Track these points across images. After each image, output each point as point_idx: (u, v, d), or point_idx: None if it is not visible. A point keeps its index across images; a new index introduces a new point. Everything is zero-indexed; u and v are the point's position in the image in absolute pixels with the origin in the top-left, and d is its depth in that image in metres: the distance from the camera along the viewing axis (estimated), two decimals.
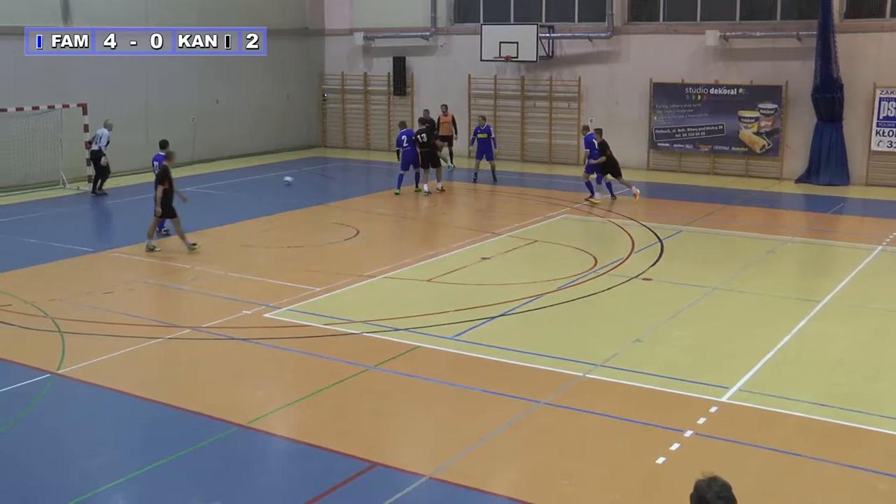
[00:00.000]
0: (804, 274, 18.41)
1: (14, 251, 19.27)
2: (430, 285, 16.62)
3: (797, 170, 28.02)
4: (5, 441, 10.33)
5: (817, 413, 10.89)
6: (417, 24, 33.90)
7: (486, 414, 10.94)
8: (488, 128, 27.77)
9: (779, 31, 27.79)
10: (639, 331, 13.81)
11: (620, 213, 22.80)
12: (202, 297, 15.86)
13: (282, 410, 11.21)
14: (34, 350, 13.17)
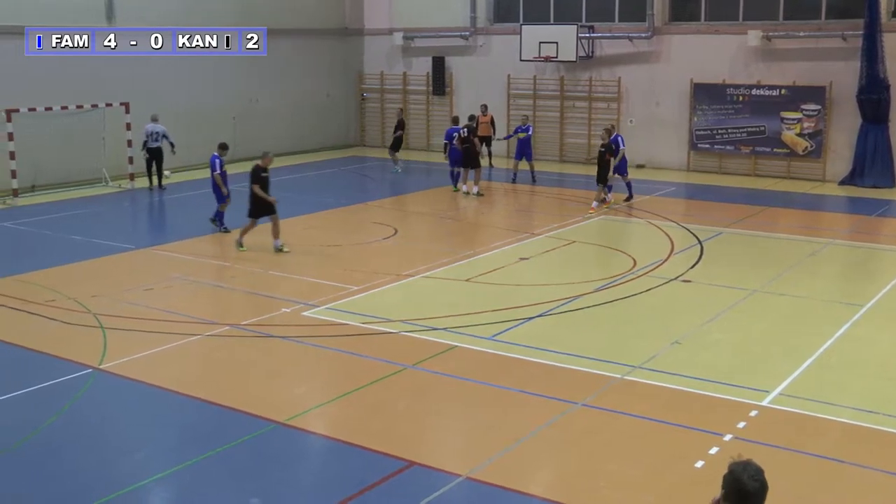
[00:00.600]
0: (847, 277, 18.19)
1: (57, 248, 19.51)
2: (469, 285, 16.60)
3: (840, 172, 27.68)
4: (48, 434, 10.45)
5: (860, 419, 10.74)
6: (457, 24, 33.89)
7: (524, 414, 10.91)
8: (529, 127, 27.45)
9: (823, 31, 27.48)
10: (678, 333, 13.72)
11: (660, 214, 22.65)
12: (241, 295, 15.95)
13: (319, 408, 11.25)
14: (76, 345, 13.32)
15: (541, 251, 19.11)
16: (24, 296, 15.70)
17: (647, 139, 30.68)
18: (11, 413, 11.07)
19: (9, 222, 22.21)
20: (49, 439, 10.32)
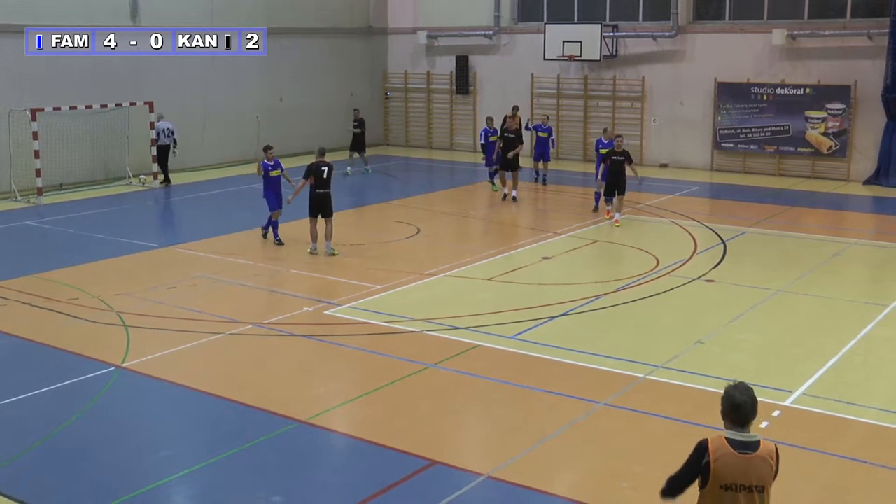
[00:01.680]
0: (871, 278, 18.05)
1: (81, 246, 19.64)
2: (491, 284, 16.60)
3: (865, 171, 27.49)
4: (72, 432, 10.52)
5: (885, 420, 10.67)
6: (481, 24, 33.88)
7: (546, 414, 10.90)
8: (549, 128, 27.13)
9: (848, 30, 27.29)
10: (701, 333, 13.66)
11: (683, 213, 22.56)
12: (264, 294, 16.01)
13: (342, 407, 11.27)
14: (100, 343, 13.40)
15: (563, 251, 19.08)
16: (48, 294, 15.82)
17: (671, 138, 30.59)
18: (35, 410, 11.14)
19: (33, 220, 22.39)
20: (72, 437, 10.40)
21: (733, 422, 5.88)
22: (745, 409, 5.82)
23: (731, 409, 5.86)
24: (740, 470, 5.75)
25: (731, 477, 5.75)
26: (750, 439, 5.83)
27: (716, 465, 5.76)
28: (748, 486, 5.76)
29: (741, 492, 5.75)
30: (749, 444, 5.80)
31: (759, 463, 5.80)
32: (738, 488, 5.75)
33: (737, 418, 5.86)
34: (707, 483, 5.83)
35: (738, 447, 5.79)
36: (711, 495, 5.82)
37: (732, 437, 5.84)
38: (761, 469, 5.80)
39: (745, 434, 5.84)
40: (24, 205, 24.24)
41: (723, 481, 5.76)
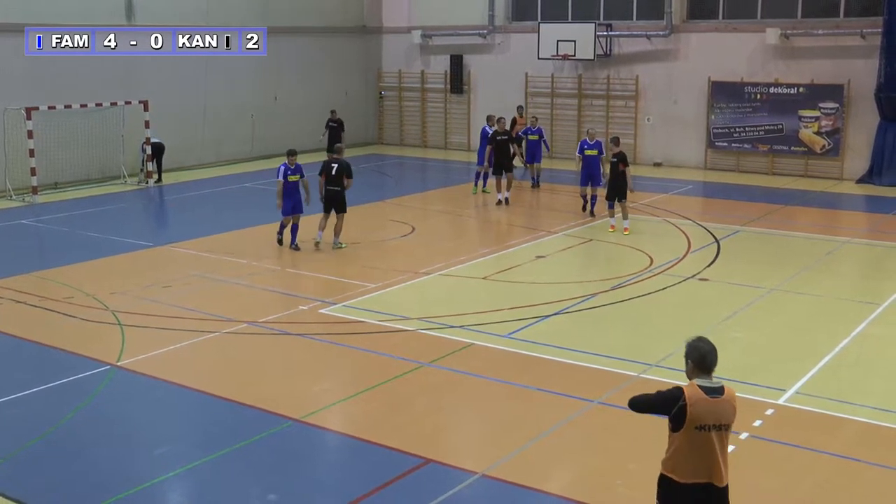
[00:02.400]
0: (864, 276, 18.11)
1: (76, 245, 19.63)
2: (485, 283, 16.63)
3: (858, 170, 27.57)
4: (67, 430, 10.53)
5: (878, 418, 10.72)
6: (475, 23, 33.91)
7: (540, 412, 10.93)
8: (540, 130, 26.65)
9: (842, 29, 27.36)
10: (694, 331, 13.52)
11: (677, 212, 22.62)
12: (259, 292, 16.02)
13: (336, 405, 11.29)
14: (95, 342, 13.41)
15: (557, 249, 19.12)
16: (43, 293, 15.82)
17: (665, 137, 30.66)
18: (30, 409, 11.15)
19: (28, 219, 22.38)
20: (68, 436, 10.40)
21: (701, 370, 6.73)
22: (711, 358, 6.72)
23: (700, 358, 6.72)
24: (712, 412, 6.61)
25: (705, 418, 6.60)
26: (717, 385, 6.70)
27: (691, 409, 6.57)
28: (718, 425, 6.64)
29: (712, 431, 6.64)
30: (717, 390, 6.67)
31: (725, 405, 6.68)
32: (710, 428, 6.63)
33: (704, 366, 6.72)
34: (682, 425, 6.64)
35: (708, 393, 6.63)
36: (686, 436, 6.65)
37: (703, 384, 6.67)
38: (727, 410, 6.69)
39: (712, 381, 6.70)
40: (19, 203, 24.23)
41: (697, 423, 6.60)
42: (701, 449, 6.66)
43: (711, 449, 6.66)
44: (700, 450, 6.66)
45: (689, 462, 6.70)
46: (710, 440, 6.65)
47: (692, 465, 6.70)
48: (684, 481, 6.74)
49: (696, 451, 6.67)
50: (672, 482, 6.81)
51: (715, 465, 6.68)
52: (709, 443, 6.65)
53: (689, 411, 6.58)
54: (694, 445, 6.66)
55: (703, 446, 6.66)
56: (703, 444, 6.65)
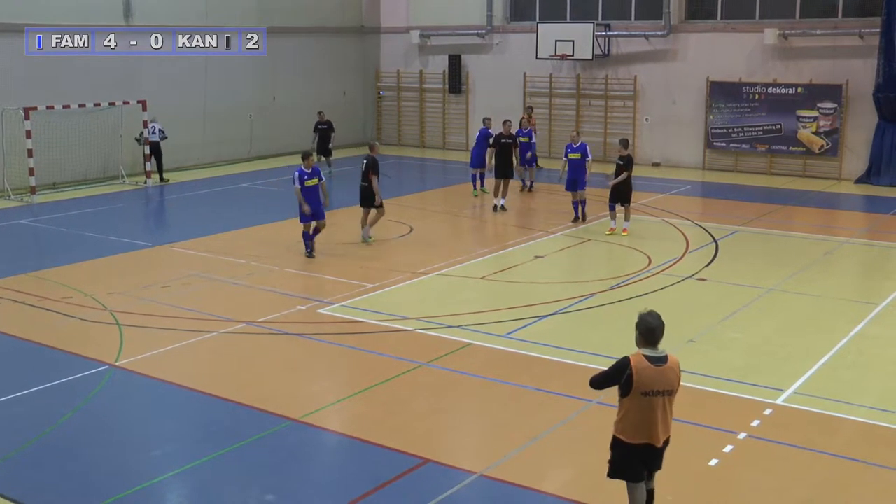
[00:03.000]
0: (863, 276, 18.12)
1: (75, 245, 19.62)
2: (484, 283, 16.63)
3: (857, 170, 27.60)
4: (65, 430, 10.53)
5: (876, 418, 10.73)
6: (473, 23, 33.92)
7: (539, 412, 10.93)
8: (530, 132, 25.74)
9: (840, 29, 27.38)
10: (692, 331, 13.71)
11: (675, 212, 22.62)
12: (257, 292, 16.02)
13: (334, 405, 11.29)
14: (93, 342, 13.41)
15: (556, 249, 19.12)
16: (42, 293, 15.81)
17: (663, 137, 30.67)
18: (28, 409, 11.14)
19: (27, 219, 22.37)
20: (66, 436, 10.40)
21: (648, 342, 7.44)
22: (657, 332, 7.42)
23: (648, 332, 7.41)
24: (656, 379, 7.35)
25: (650, 384, 7.34)
26: (661, 355, 7.43)
27: (637, 376, 7.32)
28: (662, 390, 7.39)
29: (657, 396, 7.37)
30: (661, 359, 7.41)
31: (669, 372, 7.42)
32: (655, 393, 7.37)
33: (651, 339, 7.42)
34: (630, 391, 7.39)
35: (653, 361, 7.37)
36: (634, 401, 7.40)
37: (648, 353, 7.41)
38: (671, 377, 7.43)
39: (657, 351, 7.42)
40: (18, 203, 24.22)
41: (643, 388, 7.34)
42: (646, 412, 7.41)
43: (655, 413, 7.42)
44: (645, 413, 7.42)
45: (635, 424, 7.47)
46: (655, 405, 7.40)
47: (638, 427, 7.47)
48: (632, 442, 7.54)
49: (641, 415, 7.43)
50: (622, 443, 7.60)
51: (655, 428, 7.46)
52: (653, 407, 7.40)
53: (635, 378, 7.33)
54: (640, 409, 7.41)
55: (648, 410, 7.40)
56: (648, 408, 7.40)
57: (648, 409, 7.41)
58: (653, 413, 7.42)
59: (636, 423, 7.48)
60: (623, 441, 7.58)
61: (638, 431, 7.50)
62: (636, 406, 7.42)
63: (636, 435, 7.51)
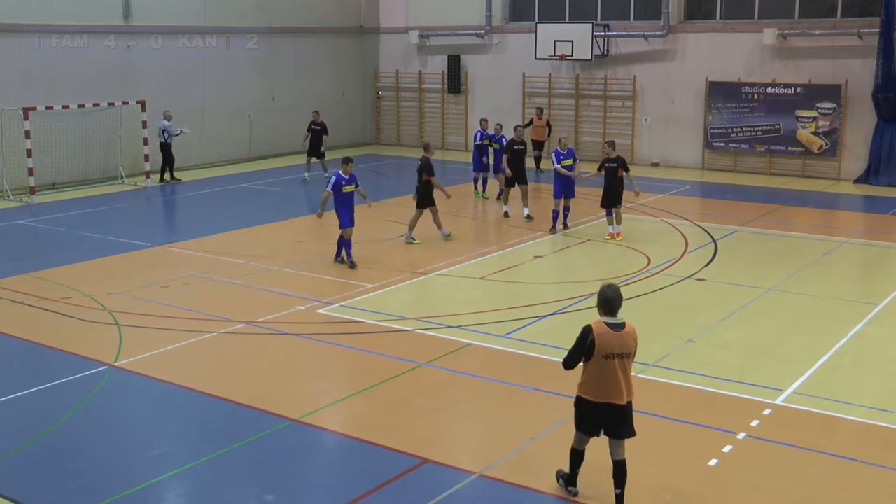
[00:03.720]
0: (862, 276, 18.14)
1: (74, 245, 19.62)
2: (483, 283, 16.63)
3: (856, 170, 27.61)
4: (65, 430, 10.53)
5: (875, 418, 10.73)
6: (472, 23, 33.92)
7: (538, 412, 10.93)
8: (502, 138, 24.06)
9: (839, 29, 27.39)
10: (692, 331, 13.71)
11: (674, 212, 22.63)
12: (256, 292, 16.02)
13: (334, 405, 11.29)
14: (92, 342, 13.41)
15: (555, 249, 19.12)
16: (41, 293, 15.81)
17: (663, 138, 30.68)
18: (28, 409, 11.15)
19: (26, 219, 22.37)
20: (65, 436, 10.40)
21: (606, 311, 8.35)
22: (615, 303, 8.33)
23: (606, 302, 8.34)
24: (615, 342, 8.23)
25: (610, 348, 8.22)
26: (619, 322, 8.34)
27: (598, 340, 8.21)
28: (620, 353, 8.26)
29: (616, 358, 8.23)
30: (619, 325, 8.32)
31: (627, 337, 8.30)
32: (614, 356, 8.23)
33: (609, 309, 8.33)
34: (592, 355, 8.24)
35: (612, 327, 8.27)
36: (595, 364, 8.26)
37: (608, 321, 8.32)
38: (628, 341, 8.31)
39: (616, 318, 8.33)
40: (17, 204, 24.21)
41: (604, 352, 8.21)
42: (607, 374, 8.26)
43: (615, 374, 8.26)
44: (606, 374, 8.26)
45: (598, 385, 8.32)
46: (614, 366, 8.26)
47: (600, 387, 8.31)
48: (595, 400, 8.39)
49: (603, 376, 8.27)
50: (585, 401, 8.47)
51: (616, 388, 8.30)
52: (613, 368, 8.25)
53: (596, 342, 8.21)
54: (601, 371, 8.26)
55: (608, 371, 8.25)
56: (608, 369, 8.25)
57: (609, 371, 8.25)
58: (613, 374, 8.26)
59: (598, 384, 8.32)
60: (586, 400, 8.45)
61: (600, 391, 8.33)
62: (598, 368, 8.27)
63: (598, 394, 8.35)
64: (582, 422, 8.60)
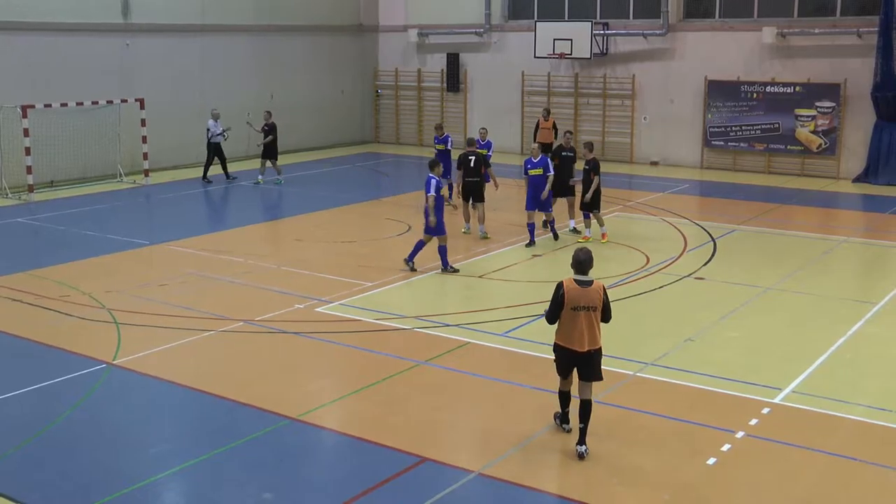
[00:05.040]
0: (860, 275, 18.14)
1: (73, 243, 19.61)
2: (482, 281, 16.62)
3: (854, 169, 27.61)
4: (63, 429, 10.52)
5: (874, 417, 10.74)
6: (471, 21, 33.90)
7: (536, 411, 10.92)
8: (489, 143, 22.97)
9: (838, 28, 27.39)
10: (691, 330, 13.71)
11: (673, 211, 22.63)
12: (255, 291, 16.01)
13: (332, 404, 11.29)
14: (91, 340, 13.39)
15: (554, 248, 19.10)
16: (39, 291, 15.80)
17: (661, 136, 30.67)
18: (26, 407, 11.14)
19: (24, 217, 22.34)
20: (63, 434, 10.39)
21: (578, 271, 9.71)
22: (585, 264, 9.70)
23: (577, 263, 9.72)
24: (582, 296, 9.60)
25: (577, 301, 9.58)
26: (587, 280, 9.70)
27: (568, 294, 9.57)
28: (586, 306, 9.59)
29: (582, 310, 9.57)
30: (587, 283, 9.68)
31: (592, 292, 9.64)
32: (581, 308, 9.58)
33: (579, 269, 9.69)
34: (563, 307, 9.59)
35: (580, 284, 9.65)
36: (566, 314, 9.62)
37: (577, 278, 9.69)
38: (593, 296, 9.63)
39: (585, 277, 9.68)
40: (15, 202, 24.18)
41: (572, 304, 9.57)
42: (573, 323, 9.60)
43: (580, 323, 9.57)
44: (573, 324, 9.60)
45: (566, 333, 9.68)
46: (580, 317, 9.58)
47: (568, 335, 9.66)
48: (564, 345, 9.74)
49: (570, 325, 9.63)
50: (559, 347, 9.82)
51: (580, 337, 9.59)
52: (579, 319, 9.58)
53: (566, 296, 9.57)
54: (569, 321, 9.62)
55: (574, 321, 9.59)
56: (575, 320, 9.58)
57: (575, 320, 9.58)
58: (579, 323, 9.58)
59: (567, 332, 9.67)
60: (559, 345, 9.82)
61: (568, 338, 9.66)
62: (567, 318, 9.62)
63: (567, 341, 9.69)
64: (557, 365, 9.96)
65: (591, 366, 9.68)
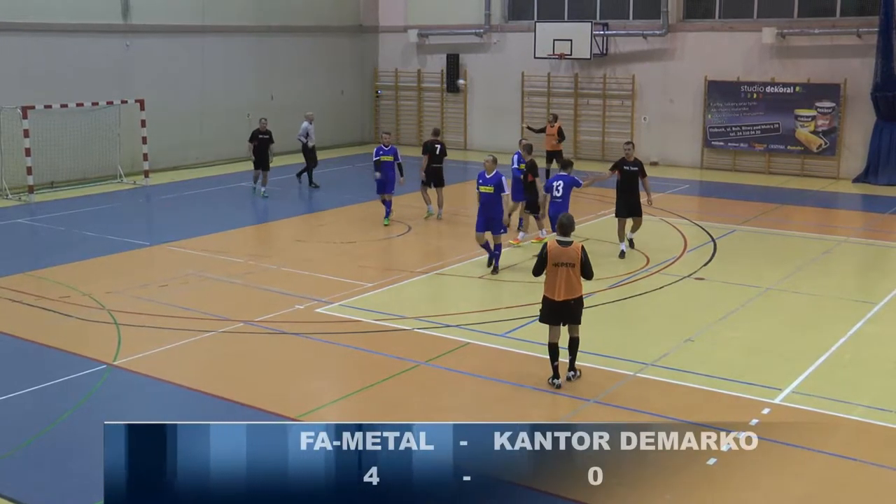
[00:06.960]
0: (861, 275, 18.14)
1: (72, 244, 19.61)
2: (482, 282, 16.63)
3: (854, 169, 27.60)
4: (63, 430, 10.52)
5: (874, 417, 10.74)
6: (471, 22, 33.89)
7: (537, 411, 10.93)
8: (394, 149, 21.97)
9: (838, 28, 27.39)
10: (690, 330, 13.71)
11: (673, 211, 22.63)
12: (255, 292, 16.01)
13: (332, 405, 11.29)
14: (91, 341, 13.40)
15: None
16: (39, 292, 15.81)
17: (661, 136, 30.66)
18: (26, 409, 11.14)
19: (24, 218, 22.35)
20: (63, 435, 10.40)
21: (560, 233, 11.39)
22: (566, 228, 11.41)
23: (560, 226, 11.46)
24: (562, 254, 11.21)
25: (558, 258, 11.21)
26: (568, 240, 11.32)
27: (550, 252, 11.26)
28: (565, 262, 11.20)
29: (561, 266, 11.19)
30: (567, 243, 11.30)
31: (570, 251, 11.22)
32: (560, 264, 11.20)
33: (561, 231, 11.38)
34: (546, 263, 11.29)
35: (561, 244, 11.28)
36: (549, 269, 11.30)
37: (559, 239, 11.36)
38: (571, 254, 11.20)
39: (566, 238, 11.32)
40: (16, 202, 24.19)
41: (553, 261, 11.23)
42: (554, 277, 11.27)
43: (559, 277, 11.22)
44: (554, 277, 11.28)
45: (549, 285, 11.36)
46: (560, 272, 11.22)
47: (549, 286, 11.36)
48: (547, 296, 11.41)
49: (552, 278, 11.30)
50: (545, 298, 11.45)
51: (559, 288, 11.25)
52: (559, 274, 11.22)
53: (549, 254, 11.26)
54: (552, 275, 11.30)
55: (555, 275, 11.25)
56: (556, 274, 11.25)
57: (556, 274, 11.25)
58: (558, 277, 11.22)
59: (550, 284, 11.33)
60: (545, 296, 11.45)
61: (550, 289, 11.34)
62: (550, 273, 11.31)
63: (549, 292, 11.37)
64: (543, 314, 11.55)
65: (569, 312, 11.39)
